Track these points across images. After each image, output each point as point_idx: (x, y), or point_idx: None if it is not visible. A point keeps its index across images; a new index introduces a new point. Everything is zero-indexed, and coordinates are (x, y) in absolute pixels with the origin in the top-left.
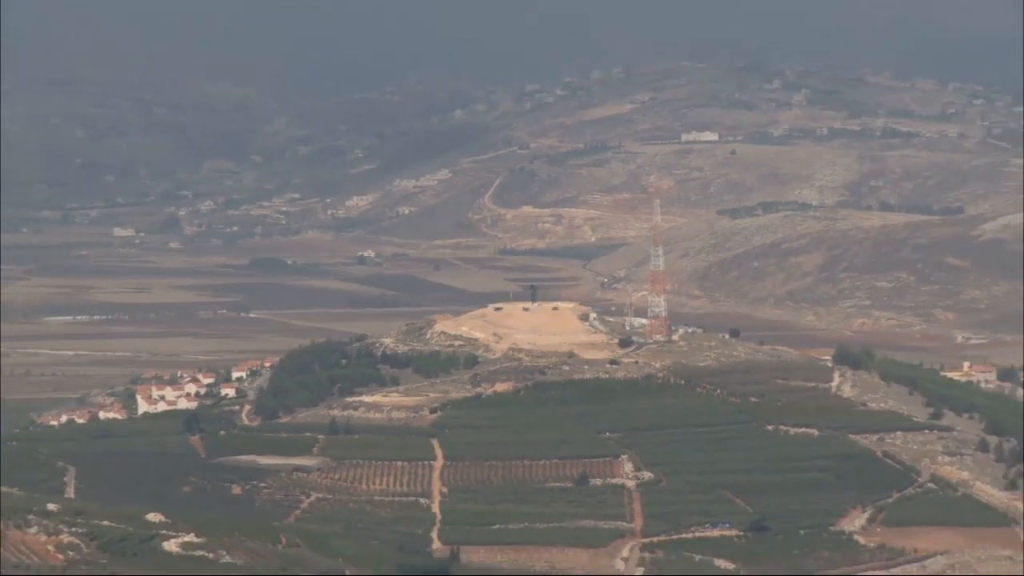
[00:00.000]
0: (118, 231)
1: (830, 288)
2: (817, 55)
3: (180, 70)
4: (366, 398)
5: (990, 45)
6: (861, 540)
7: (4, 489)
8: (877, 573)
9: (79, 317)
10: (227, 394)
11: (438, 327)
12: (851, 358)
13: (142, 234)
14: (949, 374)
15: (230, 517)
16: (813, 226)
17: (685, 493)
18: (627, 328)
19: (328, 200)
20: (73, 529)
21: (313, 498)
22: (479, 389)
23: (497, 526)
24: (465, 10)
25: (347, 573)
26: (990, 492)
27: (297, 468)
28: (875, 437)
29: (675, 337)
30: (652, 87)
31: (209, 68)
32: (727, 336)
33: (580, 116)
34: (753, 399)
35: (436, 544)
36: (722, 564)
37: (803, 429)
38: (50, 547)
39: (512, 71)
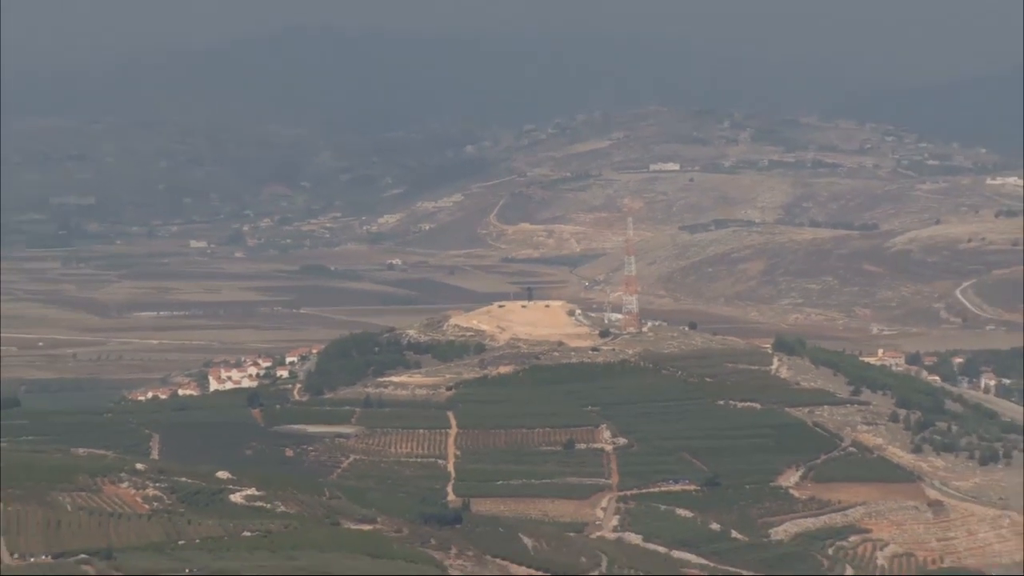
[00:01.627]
0: (193, 243)
1: (770, 289)
2: (759, 101)
3: (245, 114)
4: (394, 378)
5: (899, 93)
6: (795, 493)
7: (101, 452)
8: (809, 520)
9: (162, 313)
10: (282, 375)
11: (452, 321)
12: (787, 346)
13: (213, 246)
14: (866, 359)
15: (284, 475)
16: (756, 239)
17: (652, 455)
18: (606, 322)
19: (363, 218)
20: (157, 484)
21: (351, 459)
22: (486, 371)
23: (500, 482)
24: (475, 65)
25: (378, 519)
26: (900, 455)
27: (338, 435)
28: (806, 410)
29: (645, 329)
30: (626, 127)
31: (268, 112)
32: (687, 328)
33: (567, 150)
34: (707, 379)
35: (451, 496)
36: (682, 512)
37: (748, 403)
38: (138, 498)
39: (512, 114)
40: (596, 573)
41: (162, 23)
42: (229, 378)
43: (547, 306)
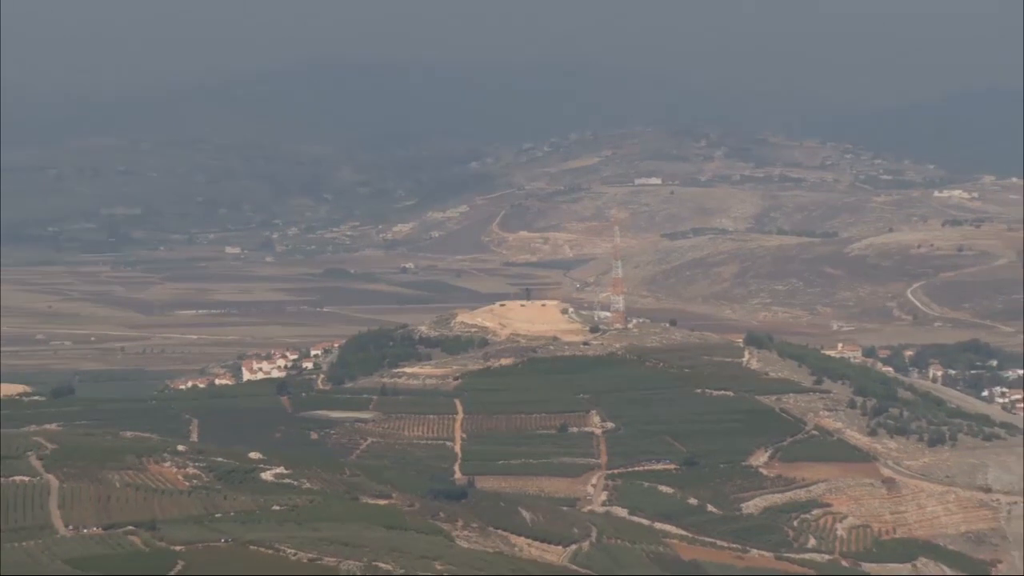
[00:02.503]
0: (228, 249)
1: (741, 290)
2: (732, 122)
3: (275, 134)
4: (407, 369)
5: (857, 115)
6: (764, 472)
7: (146, 435)
8: (776, 495)
9: (200, 311)
10: (307, 367)
11: (459, 318)
12: (756, 341)
13: (246, 251)
14: (827, 352)
15: (309, 455)
16: (729, 246)
17: (636, 438)
18: (595, 319)
19: (380, 227)
20: (196, 463)
21: (369, 441)
22: (488, 363)
23: (501, 462)
24: (478, 92)
25: (393, 495)
26: (857, 437)
27: (357, 420)
28: (774, 397)
29: (630, 326)
30: (613, 145)
31: (296, 133)
32: (667, 325)
33: (561, 166)
34: (686, 370)
35: (458, 475)
36: (663, 489)
37: (722, 392)
38: (179, 476)
39: (512, 134)
40: (587, 542)
41: (201, 54)
42: (260, 369)
43: (543, 305)
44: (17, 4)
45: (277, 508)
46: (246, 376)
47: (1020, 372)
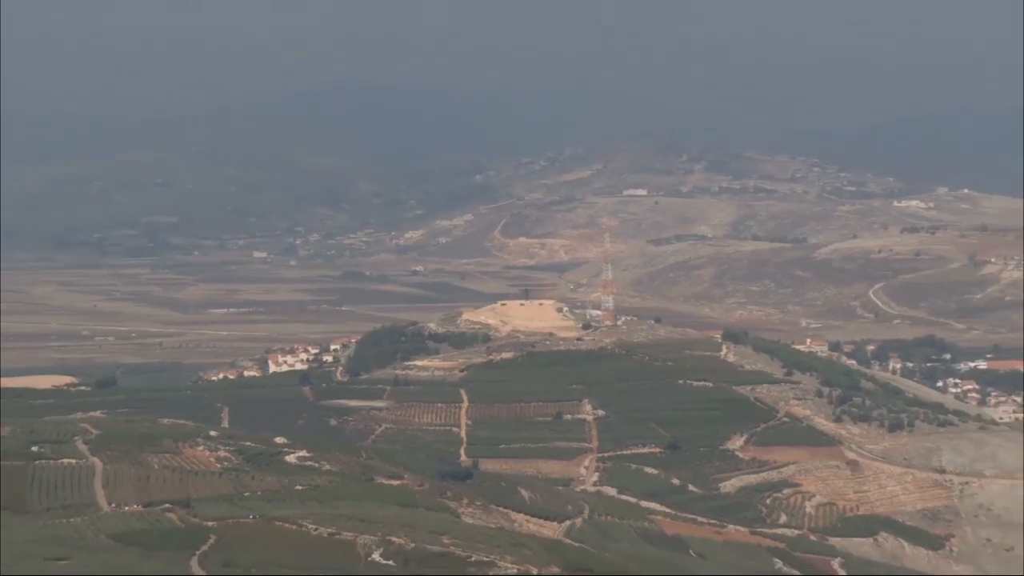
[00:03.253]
0: (256, 253)
1: (719, 291)
2: (711, 139)
3: (297, 149)
4: (417, 362)
5: (824, 133)
6: (740, 455)
7: (181, 421)
8: (751, 476)
9: (230, 309)
10: (327, 360)
11: (464, 316)
12: (733, 336)
13: (272, 256)
14: (797, 347)
15: (328, 440)
16: (708, 251)
17: (624, 424)
18: (587, 317)
19: (392, 234)
20: (226, 447)
21: (383, 427)
22: (491, 357)
23: (503, 446)
24: (482, 111)
25: (405, 475)
26: (824, 423)
27: (372, 408)
28: (749, 388)
29: (619, 323)
30: (604, 160)
31: (316, 148)
32: (653, 322)
33: (557, 178)
34: (669, 363)
35: (463, 457)
36: (649, 470)
37: (702, 382)
38: (212, 459)
39: (512, 150)
40: (580, 518)
41: (231, 78)
42: (284, 362)
43: (540, 304)
44: (66, 34)
45: (300, 488)
46: (272, 368)
47: (971, 365)
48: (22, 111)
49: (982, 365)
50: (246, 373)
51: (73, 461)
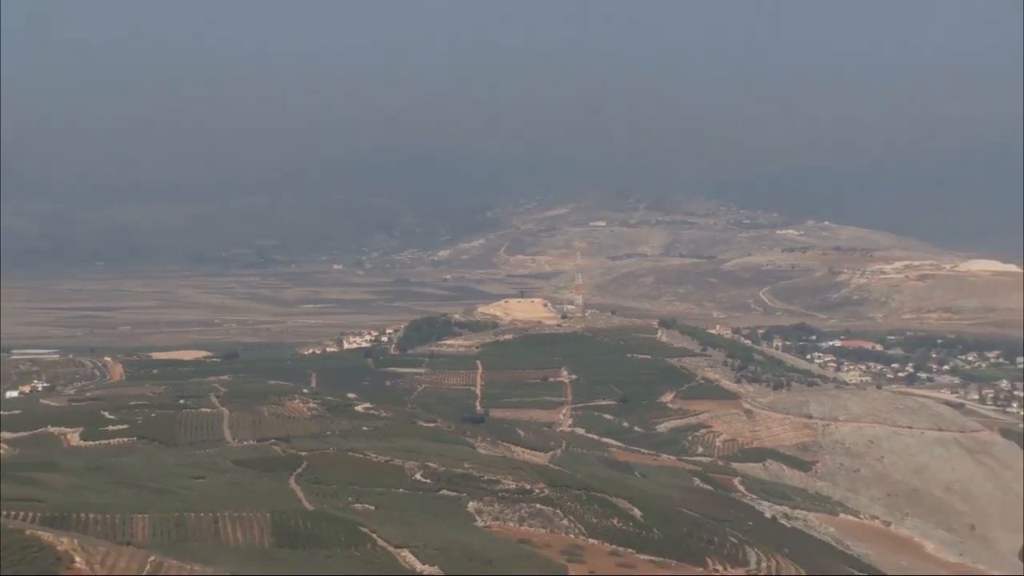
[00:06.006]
0: (334, 266)
1: (657, 292)
2: (651, 187)
3: (363, 192)
4: (447, 342)
5: (729, 181)
6: (671, 406)
7: (283, 383)
8: (678, 421)
9: (317, 305)
10: (384, 340)
11: (479, 310)
12: (666, 324)
13: (345, 267)
14: (710, 331)
15: (385, 395)
16: (649, 264)
17: (590, 385)
18: (565, 310)
19: (429, 252)
20: (314, 400)
21: (423, 387)
22: (498, 338)
23: (506, 399)
24: (492, 164)
25: (437, 420)
26: (728, 384)
27: (415, 373)
28: (676, 359)
29: (587, 315)
30: (576, 201)
31: (377, 192)
32: (610, 314)
33: (543, 214)
34: (622, 342)
35: (478, 408)
36: (607, 416)
37: (644, 356)
38: (304, 409)
39: (513, 194)
40: (559, 449)
41: (314, 140)
42: (355, 342)
43: (532, 301)
44: (206, 110)
45: (365, 428)
46: (346, 346)
47: (830, 344)
48: (179, 170)
49: (837, 344)
50: (328, 349)
51: (208, 410)
